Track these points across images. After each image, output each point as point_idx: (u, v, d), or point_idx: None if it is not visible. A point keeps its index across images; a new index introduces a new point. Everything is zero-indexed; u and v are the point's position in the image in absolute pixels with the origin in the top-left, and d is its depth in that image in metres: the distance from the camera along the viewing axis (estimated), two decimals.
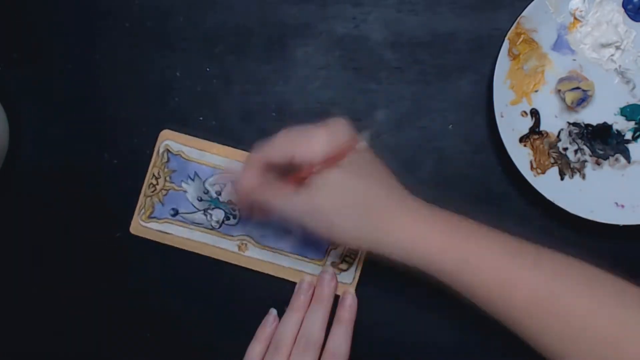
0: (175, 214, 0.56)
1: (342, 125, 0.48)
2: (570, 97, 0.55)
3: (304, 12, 0.58)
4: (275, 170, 0.49)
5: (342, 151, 0.47)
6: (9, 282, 0.58)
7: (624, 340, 0.44)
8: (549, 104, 0.57)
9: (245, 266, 0.56)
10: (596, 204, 0.54)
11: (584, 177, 0.56)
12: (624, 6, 0.56)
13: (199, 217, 0.56)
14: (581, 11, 0.56)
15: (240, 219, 0.56)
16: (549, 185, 0.55)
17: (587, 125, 0.56)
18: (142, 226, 0.56)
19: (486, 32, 0.58)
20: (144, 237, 0.57)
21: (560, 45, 0.57)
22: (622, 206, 0.55)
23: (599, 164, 0.56)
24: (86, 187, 0.58)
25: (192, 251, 0.56)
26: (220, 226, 0.56)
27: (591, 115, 0.56)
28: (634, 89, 0.56)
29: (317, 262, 0.56)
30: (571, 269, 0.46)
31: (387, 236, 0.47)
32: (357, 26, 0.58)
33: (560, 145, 0.56)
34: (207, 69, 0.58)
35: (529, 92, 0.56)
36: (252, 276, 0.57)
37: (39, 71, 0.59)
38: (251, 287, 0.57)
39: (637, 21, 0.56)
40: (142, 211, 0.56)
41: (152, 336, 0.57)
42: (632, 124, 0.56)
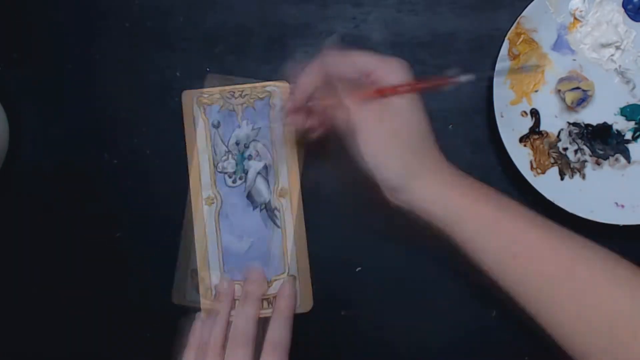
0: (216, 126, 0.57)
1: (407, 64, 0.48)
2: (570, 97, 0.55)
3: (304, 12, 0.58)
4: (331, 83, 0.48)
5: (433, 83, 0.47)
6: (9, 282, 0.58)
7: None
8: (549, 104, 0.57)
9: (192, 213, 0.56)
10: (596, 204, 0.54)
11: (584, 177, 0.56)
12: (624, 6, 0.56)
13: (221, 149, 0.57)
14: (581, 11, 0.56)
15: (236, 186, 0.57)
16: (549, 185, 0.55)
17: (587, 125, 0.56)
18: (192, 101, 0.57)
19: (486, 32, 0.58)
20: (183, 106, 0.57)
21: (560, 45, 0.57)
22: (622, 206, 0.55)
23: (599, 164, 0.56)
24: (86, 187, 0.58)
25: (187, 155, 0.57)
26: (220, 172, 0.57)
27: (591, 115, 0.56)
28: (634, 89, 0.56)
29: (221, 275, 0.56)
30: (594, 249, 0.45)
31: (422, 185, 0.46)
32: (357, 26, 0.58)
33: (560, 145, 0.56)
34: (207, 69, 0.58)
35: (529, 92, 0.56)
36: None
37: (39, 71, 0.59)
38: None
39: (637, 21, 0.56)
40: (206, 96, 0.57)
41: (152, 336, 0.58)
42: (632, 124, 0.56)
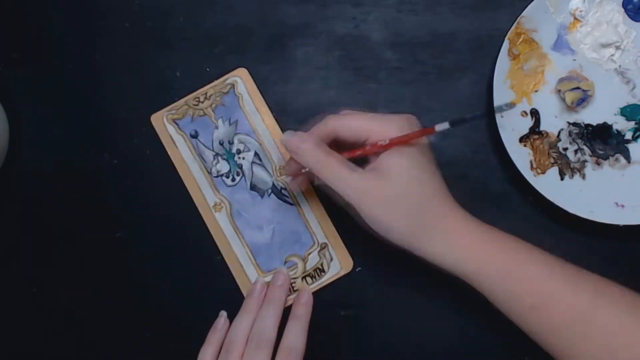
0: (194, 136, 0.57)
1: (415, 120, 0.49)
2: (570, 97, 0.55)
3: (304, 12, 0.58)
4: (329, 145, 0.50)
5: (410, 136, 0.47)
6: (9, 282, 0.58)
7: None
8: (549, 104, 0.57)
9: (207, 225, 0.57)
10: (596, 204, 0.54)
11: (584, 177, 0.56)
12: (624, 6, 0.56)
13: (208, 155, 0.57)
14: (581, 11, 0.56)
15: (236, 183, 0.57)
16: (549, 185, 0.55)
17: (587, 125, 0.56)
18: (163, 123, 0.57)
19: (486, 32, 0.58)
20: (156, 129, 0.57)
21: (560, 45, 0.57)
22: (622, 206, 0.55)
23: (599, 164, 0.56)
24: (86, 187, 0.58)
25: (179, 174, 0.57)
26: (216, 176, 0.57)
27: (591, 115, 0.56)
28: (634, 89, 0.56)
29: (259, 272, 0.57)
30: (611, 291, 0.46)
31: (431, 241, 0.47)
32: (357, 26, 0.58)
33: (560, 145, 0.56)
34: (207, 69, 0.58)
35: (529, 92, 0.56)
36: None
37: (39, 71, 0.59)
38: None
39: (637, 21, 0.56)
40: (173, 112, 0.57)
41: (152, 336, 0.58)
42: (632, 124, 0.56)
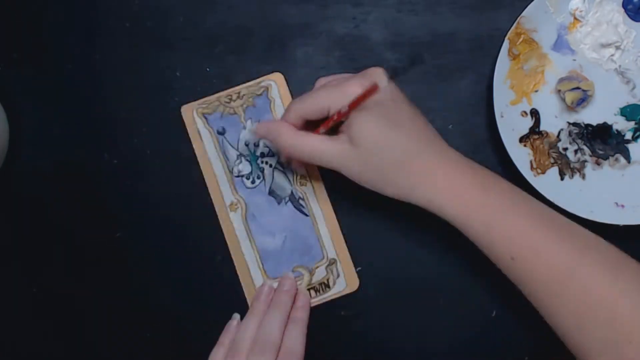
0: (222, 133, 0.57)
1: (377, 73, 0.48)
2: (570, 97, 0.55)
3: (304, 12, 0.58)
4: (302, 127, 0.51)
5: (364, 93, 0.46)
6: (9, 282, 0.58)
7: (637, 328, 0.43)
8: (549, 104, 0.57)
9: (220, 222, 0.57)
10: (596, 204, 0.54)
11: (584, 177, 0.56)
12: (624, 6, 0.56)
13: (232, 154, 0.57)
14: (581, 11, 0.56)
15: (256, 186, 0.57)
16: (549, 185, 0.55)
17: (587, 125, 0.56)
18: (192, 115, 0.57)
19: (486, 32, 0.58)
20: (184, 121, 0.57)
21: (560, 45, 0.57)
22: (622, 206, 0.55)
23: (599, 164, 0.56)
24: (86, 187, 0.58)
25: (201, 169, 0.57)
26: (237, 176, 0.57)
27: (591, 115, 0.56)
28: (634, 89, 0.56)
29: (265, 277, 0.57)
30: (598, 248, 0.46)
31: (421, 188, 0.48)
32: (357, 26, 0.58)
33: (560, 145, 0.56)
34: (207, 69, 0.58)
35: (529, 92, 0.56)
36: None
37: (39, 71, 0.59)
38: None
39: (637, 21, 0.56)
40: (204, 106, 0.57)
41: (152, 336, 0.58)
42: (632, 124, 0.56)
